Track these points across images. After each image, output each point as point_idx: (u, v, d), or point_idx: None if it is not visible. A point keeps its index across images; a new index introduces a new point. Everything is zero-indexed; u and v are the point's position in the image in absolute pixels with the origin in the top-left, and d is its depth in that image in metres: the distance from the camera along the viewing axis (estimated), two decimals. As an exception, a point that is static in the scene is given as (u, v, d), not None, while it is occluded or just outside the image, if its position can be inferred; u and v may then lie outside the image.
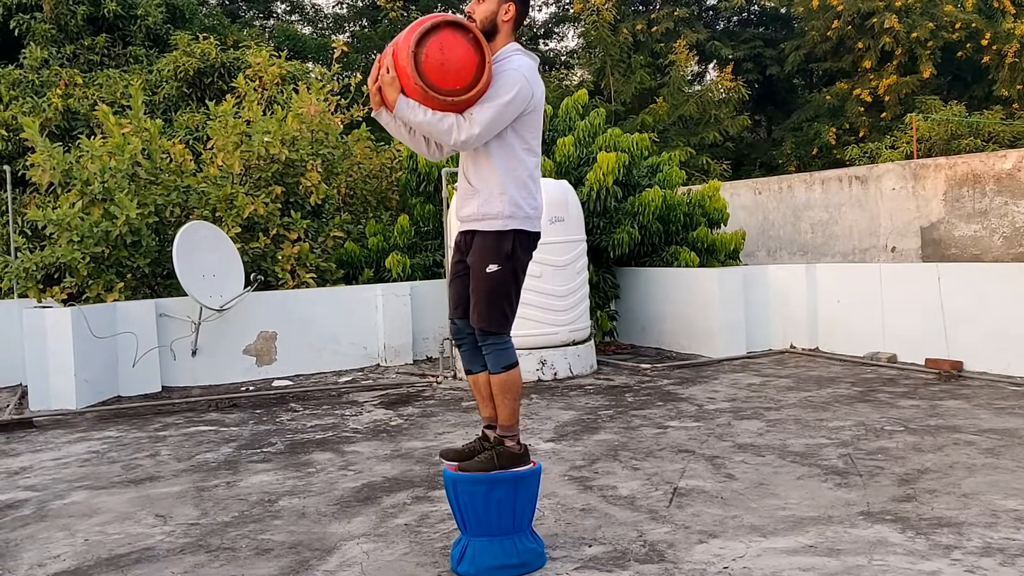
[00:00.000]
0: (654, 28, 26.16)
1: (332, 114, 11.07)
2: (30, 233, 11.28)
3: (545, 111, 10.60)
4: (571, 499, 5.00)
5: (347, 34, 29.98)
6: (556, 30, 30.18)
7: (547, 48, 30.14)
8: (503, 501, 3.98)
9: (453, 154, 4.18)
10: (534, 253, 8.32)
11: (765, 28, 29.15)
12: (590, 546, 4.28)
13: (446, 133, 3.81)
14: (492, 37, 3.95)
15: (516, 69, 3.86)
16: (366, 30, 29.17)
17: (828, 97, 25.63)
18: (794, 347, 9.60)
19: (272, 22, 30.50)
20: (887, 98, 24.04)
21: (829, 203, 12.52)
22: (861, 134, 24.57)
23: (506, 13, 3.94)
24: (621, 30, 24.73)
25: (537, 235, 4.14)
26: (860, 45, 24.90)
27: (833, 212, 12.47)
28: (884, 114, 24.22)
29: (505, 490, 3.98)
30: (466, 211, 4.07)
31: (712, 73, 28.91)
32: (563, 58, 29.84)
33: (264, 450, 6.46)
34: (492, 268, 3.97)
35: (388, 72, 3.78)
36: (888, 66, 24.36)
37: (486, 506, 3.98)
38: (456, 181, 9.47)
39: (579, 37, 27.27)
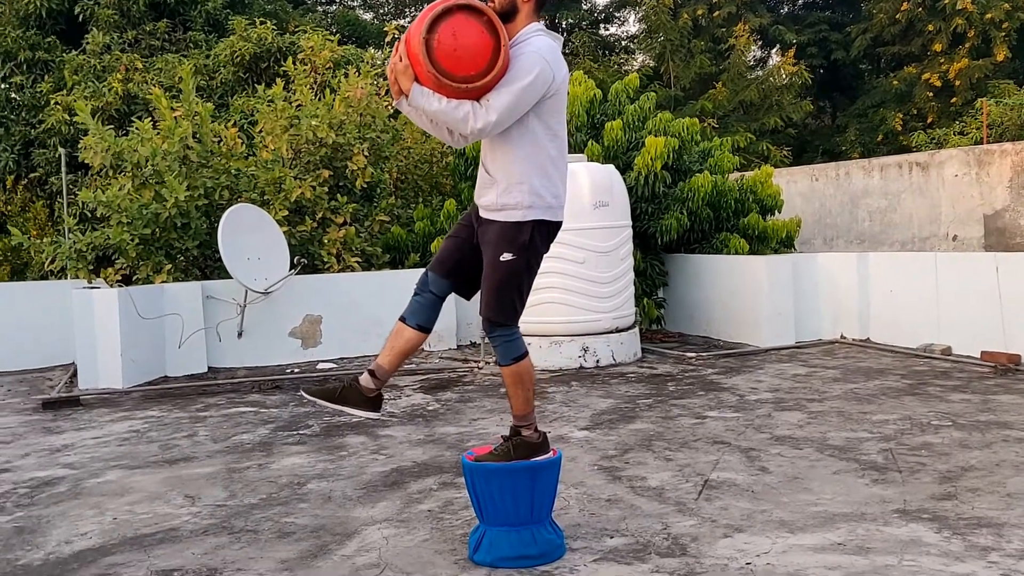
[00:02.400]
0: (715, 13, 25.72)
1: (381, 98, 11.05)
2: (90, 216, 11.50)
3: (595, 95, 10.49)
4: (598, 489, 4.91)
5: (408, 19, 30.04)
6: (617, 15, 29.86)
7: (607, 33, 29.86)
8: (520, 491, 3.91)
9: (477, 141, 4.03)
10: (578, 239, 8.25)
11: (831, 11, 28.48)
12: (612, 537, 4.20)
13: (462, 121, 3.67)
14: (512, 18, 3.81)
15: (535, 51, 3.71)
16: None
17: (895, 82, 24.94)
18: (844, 337, 9.35)
19: (334, 8, 30.67)
20: (958, 83, 23.31)
21: (888, 190, 12.18)
22: (929, 120, 23.89)
23: None
24: (681, 15, 24.38)
25: (558, 224, 3.99)
26: (930, 27, 24.18)
27: (892, 199, 12.13)
28: (954, 99, 23.49)
29: (522, 480, 3.91)
30: (484, 200, 3.94)
31: (775, 58, 28.34)
32: (624, 43, 29.56)
33: (300, 432, 6.48)
34: (506, 257, 3.84)
35: (401, 60, 3.66)
36: (960, 49, 23.62)
37: (503, 496, 3.92)
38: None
39: (639, 22, 26.99)
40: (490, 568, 3.90)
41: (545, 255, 4.04)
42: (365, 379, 4.02)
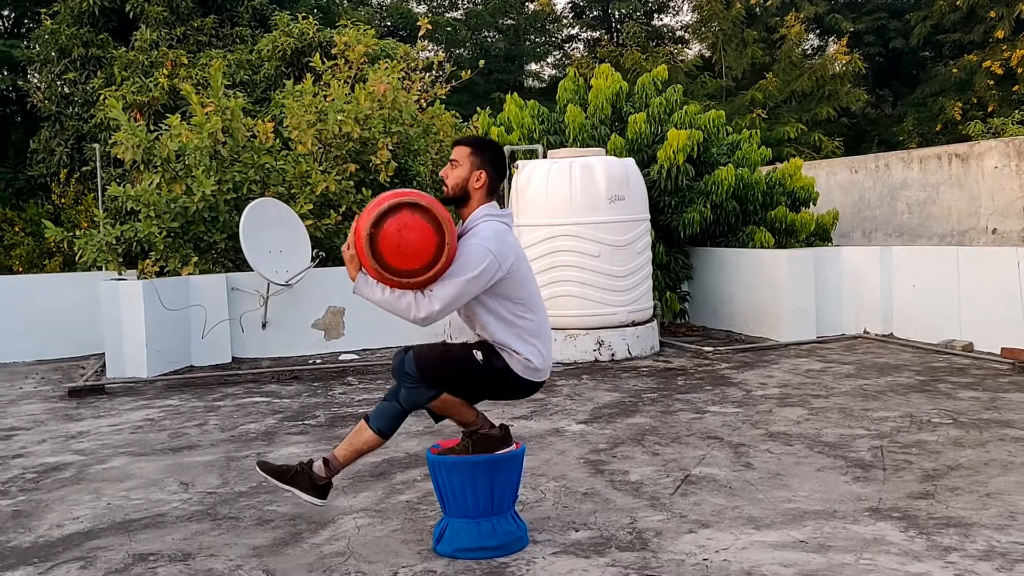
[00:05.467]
0: (769, 1, 25.36)
1: (408, 92, 11.16)
2: (131, 209, 11.81)
3: (620, 88, 10.46)
4: (578, 483, 4.96)
5: (460, 12, 30.14)
6: (671, 4, 29.61)
7: (660, 23, 29.62)
8: (480, 484, 3.98)
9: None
10: (593, 232, 8.27)
11: (890, -2, 27.86)
12: (577, 531, 4.24)
13: (404, 311, 3.77)
14: (465, 202, 3.92)
15: (481, 243, 3.77)
16: (478, 7, 29.29)
17: (955, 70, 24.33)
18: (867, 332, 9.21)
19: (389, 0, 30.89)
20: (1020, 70, 22.63)
21: (927, 182, 11.93)
22: (990, 109, 23.27)
23: (477, 180, 3.89)
24: (734, 4, 24.08)
25: (538, 384, 4.03)
26: (992, 14, 23.52)
27: (931, 192, 11.88)
28: (1016, 87, 22.85)
29: (482, 473, 3.98)
30: None
31: (833, 47, 27.81)
32: (677, 33, 29.30)
33: (305, 422, 6.63)
34: (478, 355, 3.91)
35: (349, 249, 3.76)
36: (1023, 35, 22.96)
37: (463, 488, 3.99)
38: (519, 158, 9.42)
39: (692, 11, 26.72)
40: (450, 559, 3.97)
41: (559, 248, 3.93)
42: (319, 466, 4.10)
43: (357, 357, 9.24)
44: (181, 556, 4.14)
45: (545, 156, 9.35)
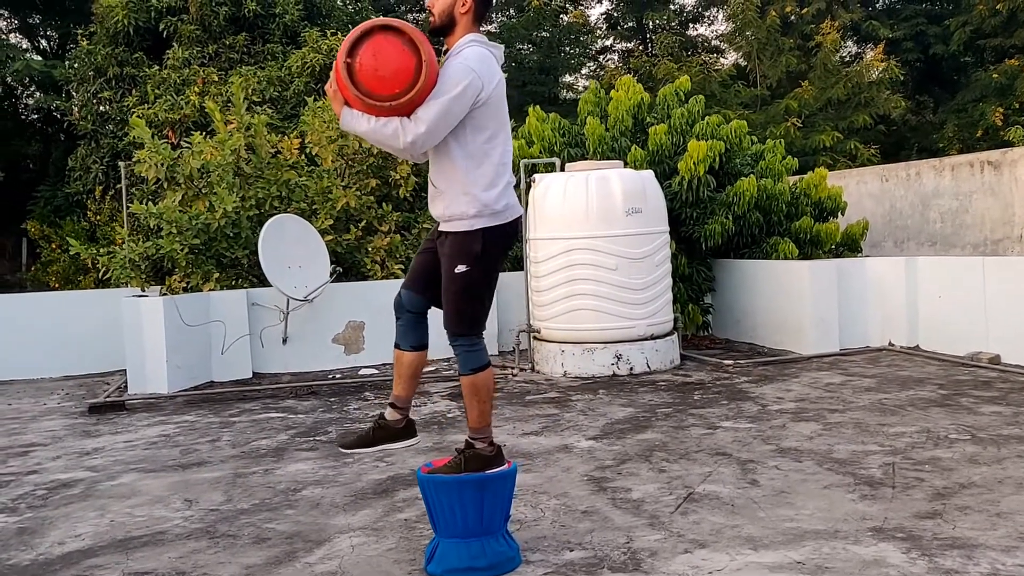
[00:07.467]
0: (805, 9, 25.10)
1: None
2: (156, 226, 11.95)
3: (642, 99, 10.39)
4: (578, 501, 4.89)
5: (494, 24, 30.21)
6: (705, 14, 29.45)
7: (695, 33, 29.48)
8: (469, 503, 3.94)
9: (422, 157, 4.05)
10: (610, 246, 8.20)
11: (929, 4, 27.47)
12: (572, 551, 4.18)
13: (392, 138, 3.74)
14: (451, 30, 3.88)
15: (463, 62, 3.75)
16: (512, 19, 29.33)
17: (995, 75, 23.90)
18: (892, 345, 9.02)
19: (424, 15, 31.03)
20: (1062, 75, 22.21)
21: (959, 191, 11.70)
22: (1032, 114, 22.83)
23: (463, 5, 3.85)
24: (769, 12, 23.86)
25: (513, 224, 4.00)
26: (1034, 18, 23.13)
27: (963, 200, 11.65)
28: (1058, 92, 22.39)
29: (470, 492, 3.94)
30: (435, 212, 4.02)
31: (871, 54, 27.46)
32: (712, 42, 29.13)
33: (316, 439, 6.62)
34: (460, 268, 3.90)
35: (331, 86, 3.76)
36: (1065, 40, 22.52)
37: (452, 508, 3.95)
38: (536, 172, 9.35)
39: (727, 21, 26.54)
40: (440, 579, 3.94)
41: (576, 262, 3.87)
42: (390, 413, 4.15)
43: (377, 371, 9.24)
44: (175, 574, 4.14)
45: (563, 169, 9.30)
